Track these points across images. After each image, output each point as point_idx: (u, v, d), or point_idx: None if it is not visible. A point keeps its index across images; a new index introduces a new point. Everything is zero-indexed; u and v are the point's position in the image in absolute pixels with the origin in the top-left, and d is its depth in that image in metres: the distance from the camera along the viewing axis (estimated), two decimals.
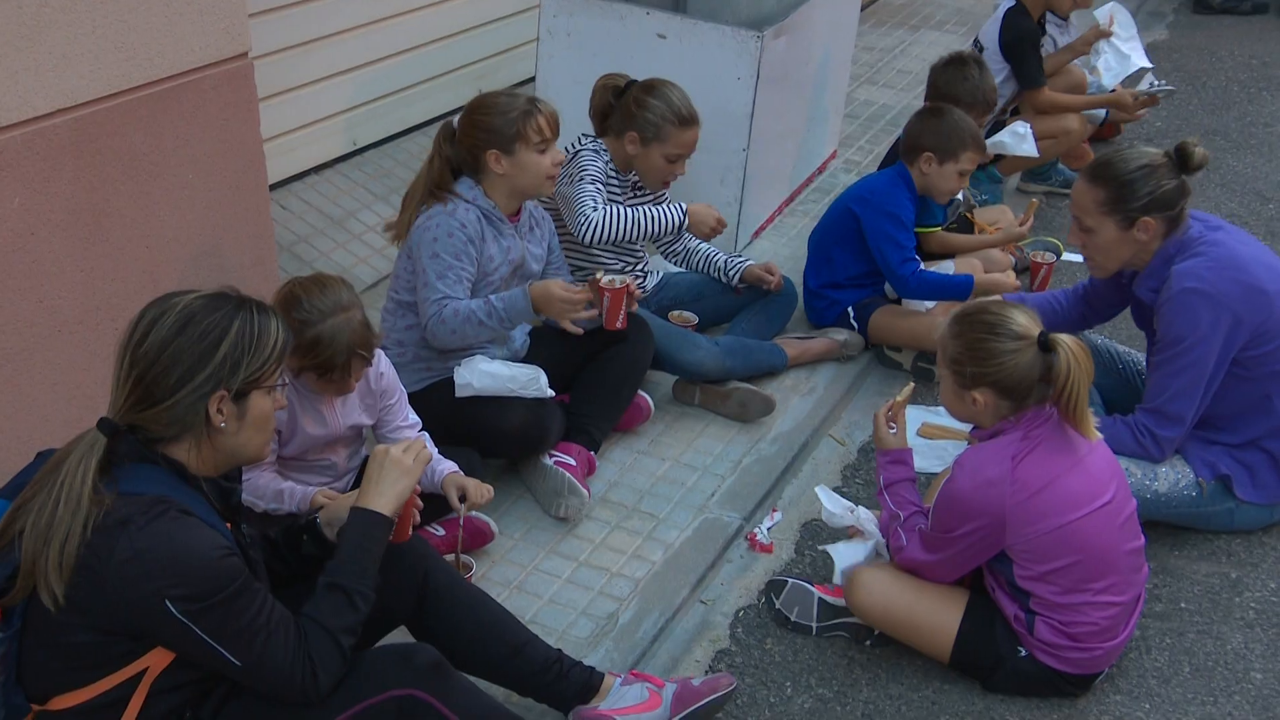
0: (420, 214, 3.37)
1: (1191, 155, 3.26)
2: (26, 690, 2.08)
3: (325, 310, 2.81)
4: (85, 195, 2.97)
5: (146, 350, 2.05)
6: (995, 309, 2.84)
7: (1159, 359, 3.33)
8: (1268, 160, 6.19)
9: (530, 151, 3.35)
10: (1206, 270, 3.24)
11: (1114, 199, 3.30)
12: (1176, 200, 3.29)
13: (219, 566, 2.01)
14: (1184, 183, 3.30)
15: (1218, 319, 3.22)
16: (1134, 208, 3.28)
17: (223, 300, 2.13)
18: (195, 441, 2.11)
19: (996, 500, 2.75)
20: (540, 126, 3.34)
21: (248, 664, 2.07)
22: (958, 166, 4.12)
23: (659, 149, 3.85)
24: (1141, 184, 3.27)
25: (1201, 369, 3.25)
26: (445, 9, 5.20)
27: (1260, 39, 8.01)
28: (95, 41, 2.89)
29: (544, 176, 3.40)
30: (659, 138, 3.83)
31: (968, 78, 4.48)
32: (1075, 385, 2.68)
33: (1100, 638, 2.85)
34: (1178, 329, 3.25)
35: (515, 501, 3.52)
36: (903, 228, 4.12)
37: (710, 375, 3.91)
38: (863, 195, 4.22)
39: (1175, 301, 3.25)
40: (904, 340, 4.26)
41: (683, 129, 3.85)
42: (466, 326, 3.27)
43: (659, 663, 3.05)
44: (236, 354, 2.08)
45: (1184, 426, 3.33)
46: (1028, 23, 5.30)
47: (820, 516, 3.19)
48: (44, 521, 1.97)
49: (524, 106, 3.34)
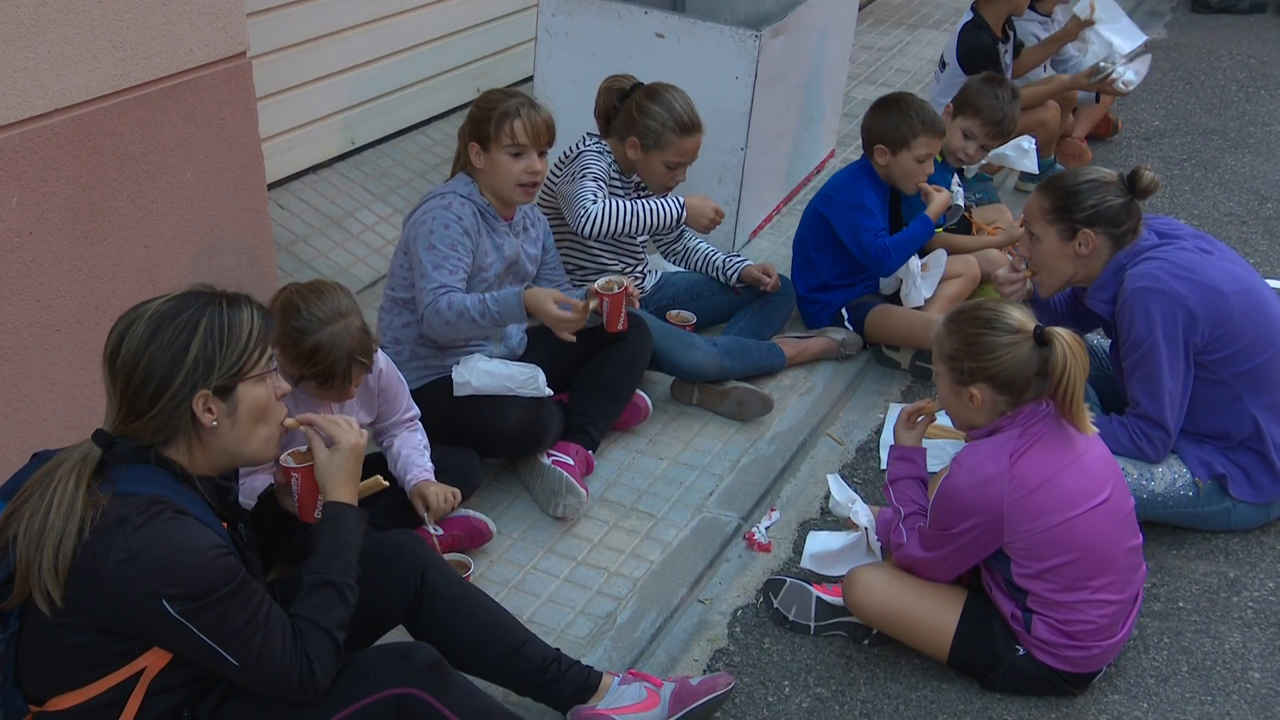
0: (420, 204, 3.37)
1: (1140, 178, 3.31)
2: (25, 691, 2.08)
3: (324, 318, 2.81)
4: (83, 195, 2.97)
5: (123, 363, 2.05)
6: (990, 305, 2.85)
7: (1128, 365, 3.37)
8: (1266, 160, 6.19)
9: (502, 153, 3.33)
10: (1157, 269, 3.28)
11: (1058, 208, 3.36)
12: (1120, 219, 3.33)
13: (215, 566, 2.01)
14: (1132, 204, 3.34)
15: (1173, 314, 3.24)
16: (1076, 218, 3.33)
17: (190, 300, 2.11)
18: (187, 443, 2.11)
19: (995, 497, 2.75)
20: (513, 131, 3.30)
21: (245, 663, 2.06)
22: (912, 154, 4.13)
23: (659, 156, 3.83)
24: (1086, 196, 3.33)
25: (1171, 361, 3.27)
26: (443, 8, 5.20)
27: (1259, 38, 8.01)
28: (93, 41, 2.89)
29: (513, 183, 3.36)
30: (659, 145, 3.81)
31: (998, 96, 4.50)
32: (1071, 378, 2.69)
33: (1098, 636, 2.85)
34: (1137, 330, 3.29)
35: (513, 501, 3.52)
36: (869, 214, 4.15)
37: (708, 376, 3.91)
38: (828, 194, 4.27)
39: (1130, 303, 3.29)
40: (900, 338, 4.26)
41: (684, 137, 3.83)
42: (460, 321, 3.25)
43: (657, 662, 3.05)
44: (209, 352, 2.07)
45: (1168, 428, 3.35)
46: (983, 37, 5.37)
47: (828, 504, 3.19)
48: (36, 527, 1.97)
49: (508, 107, 3.32)
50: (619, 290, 3.40)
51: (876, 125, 4.18)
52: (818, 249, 4.31)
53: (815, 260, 4.32)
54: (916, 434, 3.14)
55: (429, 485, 3.05)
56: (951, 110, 4.53)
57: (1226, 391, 3.36)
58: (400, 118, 5.21)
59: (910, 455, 3.11)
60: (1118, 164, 6.05)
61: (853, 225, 4.15)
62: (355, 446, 2.34)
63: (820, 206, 4.27)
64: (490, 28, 5.50)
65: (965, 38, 5.38)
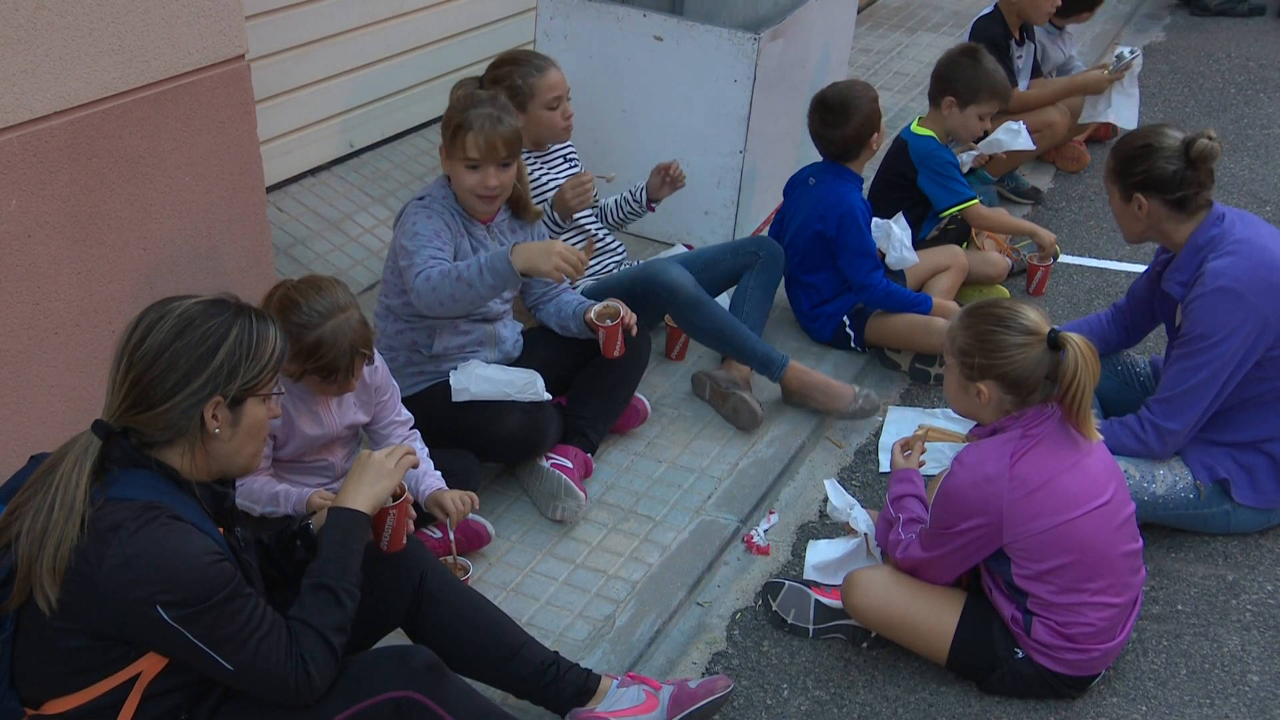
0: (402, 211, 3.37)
1: (1192, 145, 3.28)
2: (21, 694, 2.08)
3: (324, 312, 2.81)
4: (82, 197, 2.97)
5: (144, 353, 2.05)
6: (1007, 304, 2.84)
7: (1179, 353, 3.33)
8: (1265, 163, 6.19)
9: (457, 164, 3.28)
10: (1241, 270, 3.23)
11: (1115, 169, 3.42)
12: (1173, 186, 3.30)
13: (210, 572, 2.01)
14: (1188, 171, 3.29)
15: (1245, 321, 3.22)
16: (1129, 183, 3.37)
17: (221, 306, 2.13)
18: (189, 447, 2.10)
19: (995, 496, 2.75)
20: (464, 144, 3.22)
21: (240, 668, 2.06)
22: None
23: (539, 102, 3.83)
24: (1138, 161, 3.34)
25: (1220, 368, 3.25)
26: (442, 11, 5.20)
27: (1257, 41, 8.02)
28: (92, 44, 2.89)
29: (471, 194, 3.30)
30: (532, 94, 3.81)
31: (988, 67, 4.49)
32: (1081, 384, 2.69)
33: (1097, 639, 2.85)
34: (1204, 326, 3.25)
35: (512, 504, 3.52)
36: (865, 234, 4.16)
37: (688, 296, 3.76)
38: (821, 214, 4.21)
39: (1206, 299, 3.25)
40: (900, 340, 4.27)
41: (543, 74, 3.83)
42: (445, 281, 3.12)
43: (656, 665, 3.05)
44: (234, 360, 2.09)
45: (1189, 423, 3.33)
46: (994, 28, 5.39)
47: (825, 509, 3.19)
48: (39, 525, 1.97)
49: (467, 118, 3.23)
50: (614, 323, 3.41)
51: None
52: (815, 270, 4.29)
53: (815, 282, 4.33)
54: (913, 459, 3.17)
55: (444, 494, 3.06)
56: (956, 103, 4.45)
57: (1269, 389, 3.33)
58: (399, 121, 5.21)
59: (909, 475, 3.14)
60: None
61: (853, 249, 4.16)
62: (375, 457, 2.37)
63: (817, 225, 4.22)
64: (489, 30, 5.50)
65: (978, 24, 5.46)
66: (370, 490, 2.35)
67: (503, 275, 3.12)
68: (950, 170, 4.46)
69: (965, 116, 4.43)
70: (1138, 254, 5.22)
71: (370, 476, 2.36)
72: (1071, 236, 5.36)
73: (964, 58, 4.46)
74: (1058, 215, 5.53)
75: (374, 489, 2.35)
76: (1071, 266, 5.11)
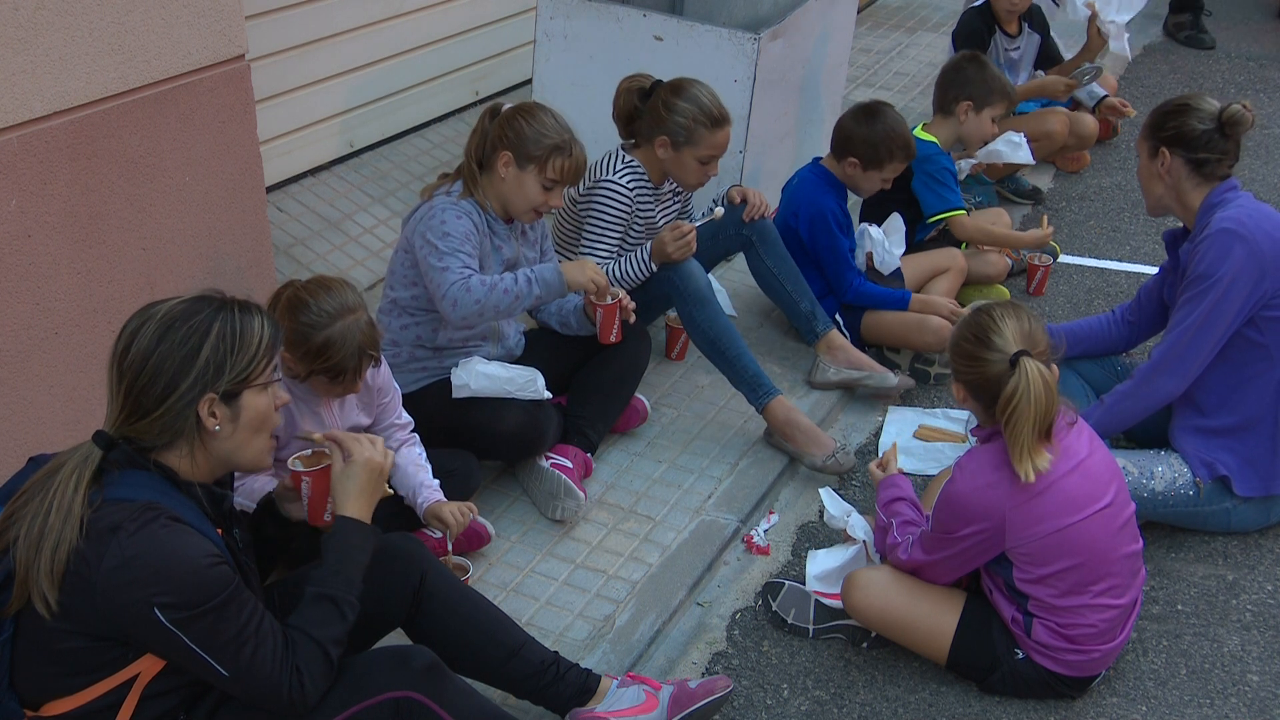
0: (421, 204, 3.34)
1: (1226, 110, 3.37)
2: (20, 696, 2.08)
3: (333, 313, 2.81)
4: (82, 198, 2.97)
5: (131, 362, 2.05)
6: (996, 316, 2.79)
7: (1184, 297, 3.37)
8: (1264, 163, 6.19)
9: (535, 179, 3.30)
10: (1246, 217, 3.32)
11: (1150, 124, 3.51)
12: (1198, 145, 3.37)
13: (208, 575, 2.00)
14: (1216, 136, 3.36)
15: (1245, 264, 3.26)
16: (1160, 136, 3.44)
17: (203, 303, 2.12)
18: (190, 447, 2.10)
19: (996, 502, 2.75)
20: (560, 167, 3.29)
21: (235, 673, 2.06)
22: (881, 174, 4.19)
23: (692, 152, 3.78)
24: (1173, 116, 3.43)
25: (1221, 310, 3.28)
26: (442, 11, 5.20)
27: (1256, 41, 8.02)
28: (92, 44, 2.89)
29: (530, 207, 3.35)
30: (691, 141, 3.76)
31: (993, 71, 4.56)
32: (1017, 409, 2.66)
33: (1097, 640, 2.85)
34: (1208, 264, 3.30)
35: (512, 504, 3.52)
36: (837, 237, 4.18)
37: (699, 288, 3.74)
38: (796, 212, 4.23)
39: (1211, 239, 3.31)
40: (895, 338, 4.27)
41: (715, 130, 3.76)
42: (493, 295, 3.19)
43: (655, 665, 3.05)
44: (219, 356, 2.08)
45: (1186, 369, 3.35)
46: (977, 21, 5.42)
47: (822, 518, 3.20)
48: (36, 530, 1.97)
49: (561, 141, 3.29)
50: (613, 301, 3.40)
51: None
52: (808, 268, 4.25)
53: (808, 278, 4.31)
54: (890, 470, 3.18)
55: (442, 507, 3.06)
56: (973, 106, 4.49)
57: (1261, 357, 3.35)
58: (399, 120, 5.21)
59: (894, 481, 3.13)
60: (1115, 165, 6.07)
61: (828, 248, 4.19)
62: (370, 461, 2.34)
63: (790, 221, 4.24)
64: (489, 30, 5.50)
65: (964, 17, 5.50)
66: (362, 491, 2.33)
67: (552, 286, 3.30)
68: (946, 178, 4.46)
69: (980, 120, 4.49)
70: (1138, 254, 5.23)
71: (357, 478, 2.33)
72: (1071, 236, 5.37)
73: (969, 64, 4.53)
74: (1058, 215, 5.53)
75: (367, 490, 2.34)
76: (1071, 266, 5.12)
